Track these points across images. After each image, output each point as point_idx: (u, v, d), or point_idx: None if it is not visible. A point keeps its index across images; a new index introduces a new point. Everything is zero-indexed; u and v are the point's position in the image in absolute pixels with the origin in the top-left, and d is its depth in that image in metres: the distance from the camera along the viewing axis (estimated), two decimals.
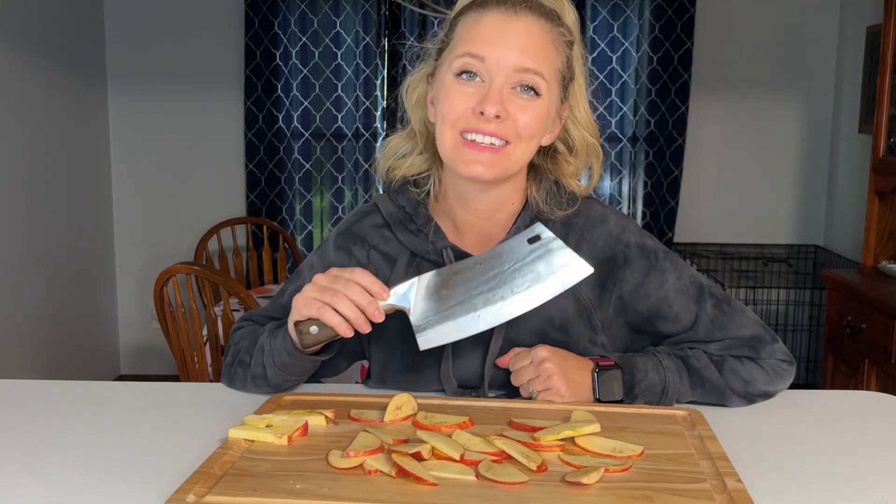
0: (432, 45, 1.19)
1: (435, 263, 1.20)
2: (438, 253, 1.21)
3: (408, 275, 1.21)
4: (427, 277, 1.09)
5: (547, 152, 1.22)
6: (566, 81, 1.16)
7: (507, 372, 1.17)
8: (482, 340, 1.18)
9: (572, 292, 1.19)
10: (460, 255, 1.20)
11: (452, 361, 1.19)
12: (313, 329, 1.08)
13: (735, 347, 1.19)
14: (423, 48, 1.21)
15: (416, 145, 1.24)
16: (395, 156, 1.25)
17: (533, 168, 1.23)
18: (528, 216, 1.21)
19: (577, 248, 1.18)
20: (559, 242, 1.08)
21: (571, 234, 1.20)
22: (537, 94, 1.11)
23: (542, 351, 1.12)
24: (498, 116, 1.08)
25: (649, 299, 1.20)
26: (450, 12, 1.18)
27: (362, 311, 1.05)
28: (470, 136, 1.10)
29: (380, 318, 1.06)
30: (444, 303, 1.08)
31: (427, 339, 1.08)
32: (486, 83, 1.10)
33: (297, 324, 1.10)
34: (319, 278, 1.08)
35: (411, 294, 1.08)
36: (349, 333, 1.06)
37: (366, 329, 1.06)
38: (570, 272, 1.08)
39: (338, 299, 1.05)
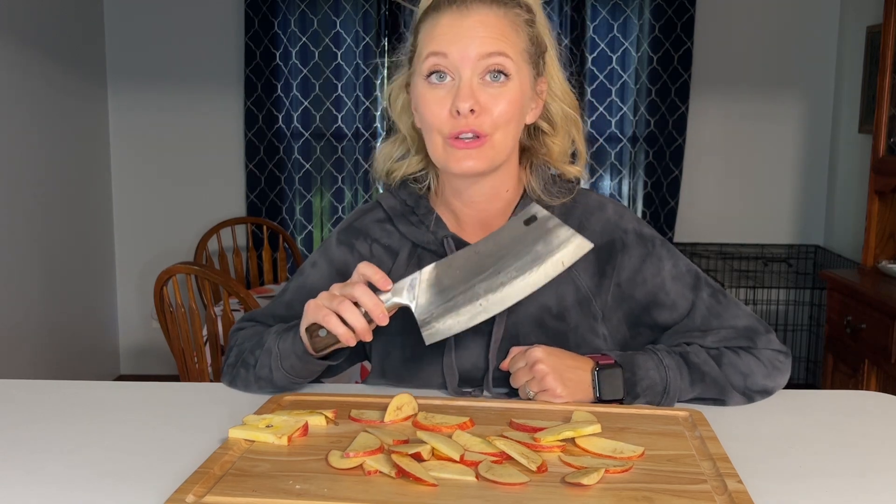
0: (404, 55, 1.23)
1: (436, 254, 1.22)
2: (439, 243, 1.22)
3: (409, 267, 1.23)
4: (427, 271, 1.10)
5: (532, 132, 1.24)
6: (537, 56, 1.18)
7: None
8: (483, 330, 1.18)
9: (572, 280, 1.20)
10: (461, 244, 1.21)
11: (455, 352, 1.20)
12: (322, 332, 1.09)
13: (731, 339, 1.20)
14: (399, 58, 1.25)
15: (410, 148, 1.27)
16: (390, 160, 1.28)
17: (524, 153, 1.24)
18: (526, 204, 1.22)
19: None
20: (556, 220, 1.09)
21: (570, 222, 1.22)
22: (506, 76, 1.13)
23: (537, 352, 1.12)
24: (472, 111, 1.10)
25: (646, 286, 1.21)
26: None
27: (368, 313, 1.06)
28: (458, 135, 1.13)
29: (384, 322, 1.07)
30: (445, 294, 1.09)
31: (432, 334, 1.09)
32: (456, 80, 1.12)
33: (307, 328, 1.11)
34: (334, 287, 1.09)
35: (413, 289, 1.09)
36: (352, 343, 1.08)
37: (368, 338, 1.07)
38: (570, 249, 1.08)
39: (344, 307, 1.06)
